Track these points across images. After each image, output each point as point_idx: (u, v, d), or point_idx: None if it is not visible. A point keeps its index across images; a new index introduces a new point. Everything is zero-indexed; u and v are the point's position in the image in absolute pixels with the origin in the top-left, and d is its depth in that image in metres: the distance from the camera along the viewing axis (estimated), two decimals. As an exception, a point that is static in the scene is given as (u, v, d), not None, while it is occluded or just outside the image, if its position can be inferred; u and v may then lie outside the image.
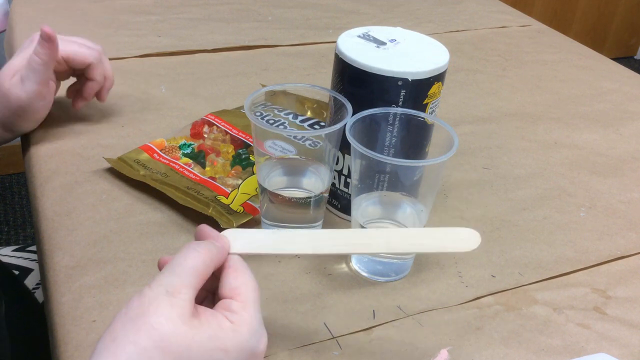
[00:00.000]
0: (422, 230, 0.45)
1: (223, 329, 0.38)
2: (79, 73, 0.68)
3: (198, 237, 0.43)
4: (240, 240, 0.43)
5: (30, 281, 0.81)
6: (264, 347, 0.40)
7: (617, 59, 1.12)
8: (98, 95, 0.69)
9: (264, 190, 0.55)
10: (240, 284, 0.40)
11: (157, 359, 0.35)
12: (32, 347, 0.72)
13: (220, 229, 0.55)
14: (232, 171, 0.63)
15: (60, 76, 0.68)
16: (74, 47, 0.65)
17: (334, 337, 0.49)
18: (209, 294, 0.44)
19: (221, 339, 0.37)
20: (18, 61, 0.63)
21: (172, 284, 0.37)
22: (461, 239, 0.44)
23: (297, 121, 0.64)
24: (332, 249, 0.44)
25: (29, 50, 0.63)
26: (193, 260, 0.39)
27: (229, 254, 0.42)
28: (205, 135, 0.68)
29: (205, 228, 0.43)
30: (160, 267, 0.42)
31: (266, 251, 0.43)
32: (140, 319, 0.36)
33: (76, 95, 0.70)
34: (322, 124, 0.64)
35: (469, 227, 0.61)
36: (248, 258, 0.55)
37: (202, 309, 0.39)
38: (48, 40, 0.60)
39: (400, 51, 0.55)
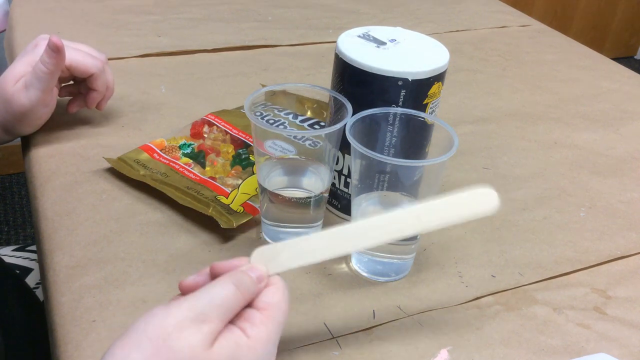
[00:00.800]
0: (442, 201, 0.43)
1: (239, 346, 0.37)
2: (80, 80, 0.68)
3: (228, 268, 0.41)
4: (273, 259, 0.42)
5: (30, 281, 0.81)
6: None
7: (617, 59, 1.12)
8: (98, 104, 0.69)
9: (264, 190, 0.55)
10: (275, 301, 0.40)
11: None
12: (33, 345, 0.72)
13: (220, 229, 0.56)
14: (232, 171, 0.63)
15: (61, 80, 0.68)
16: (78, 55, 0.65)
17: (334, 337, 0.49)
18: None
19: (237, 358, 0.37)
20: (22, 66, 0.63)
21: (205, 314, 0.37)
22: (481, 201, 0.43)
23: (297, 121, 0.64)
24: (371, 241, 0.43)
25: (33, 55, 0.63)
26: (234, 298, 0.38)
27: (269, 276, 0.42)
28: (205, 135, 0.68)
29: (227, 264, 0.42)
30: (183, 290, 0.41)
31: (303, 262, 0.42)
32: (159, 341, 0.35)
33: (72, 100, 0.70)
34: (322, 124, 0.64)
35: (469, 227, 0.62)
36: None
37: None
38: (56, 51, 0.60)
39: (400, 51, 0.55)
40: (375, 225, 0.43)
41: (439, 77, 0.54)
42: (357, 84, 0.53)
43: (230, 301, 0.38)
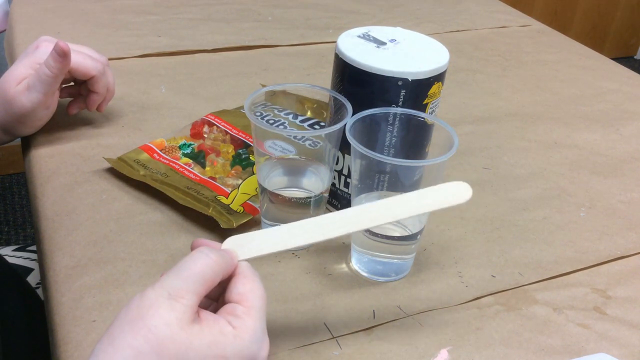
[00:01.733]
0: (416, 193, 0.45)
1: (224, 334, 0.37)
2: (80, 81, 0.68)
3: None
4: (244, 246, 0.42)
5: (31, 281, 0.81)
6: (266, 354, 0.40)
7: (617, 59, 1.12)
8: (98, 106, 0.69)
9: (264, 190, 0.55)
10: (247, 290, 0.40)
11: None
12: (34, 344, 0.72)
13: (220, 229, 0.56)
14: (232, 171, 0.63)
15: (62, 82, 0.68)
16: (79, 58, 0.64)
17: (334, 337, 0.49)
18: (212, 302, 0.43)
19: (221, 346, 0.37)
20: (23, 69, 0.63)
21: (176, 288, 0.37)
22: (455, 193, 0.45)
23: (297, 121, 0.64)
24: (340, 230, 0.43)
25: (34, 57, 0.63)
26: (202, 266, 0.38)
27: (238, 261, 0.42)
28: (205, 135, 0.68)
29: (205, 241, 0.43)
30: (193, 248, 0.41)
31: (272, 250, 0.43)
32: (138, 322, 0.36)
33: (73, 102, 0.70)
34: (322, 124, 0.64)
35: (469, 227, 0.62)
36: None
37: (205, 313, 0.38)
38: (62, 55, 0.60)
39: (400, 51, 0.55)
40: (347, 216, 0.44)
41: (439, 77, 0.54)
42: (357, 84, 0.53)
43: (203, 272, 0.38)
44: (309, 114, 0.65)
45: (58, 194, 0.60)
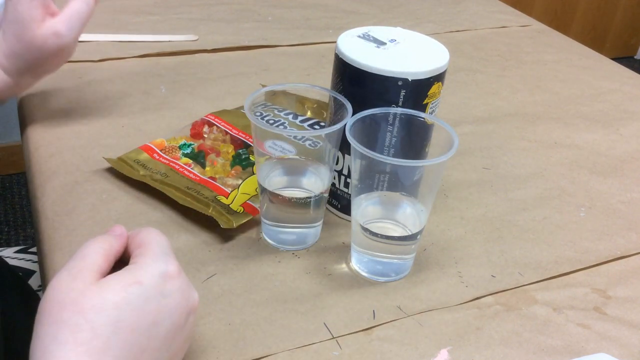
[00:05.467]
0: None
1: (129, 271, 0.39)
2: None
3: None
4: None
5: (33, 283, 0.81)
6: (175, 269, 0.41)
7: (617, 59, 1.12)
8: None
9: (264, 190, 0.55)
10: (139, 239, 0.42)
11: (76, 321, 0.36)
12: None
13: (220, 229, 0.56)
14: (232, 171, 0.63)
15: None
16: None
17: (334, 337, 0.49)
18: None
19: (131, 277, 0.39)
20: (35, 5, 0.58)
21: (75, 267, 0.39)
22: None
23: (297, 121, 0.64)
24: None
25: None
26: (91, 246, 0.41)
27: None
28: (205, 135, 0.68)
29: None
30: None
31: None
32: (55, 305, 0.37)
33: None
34: (322, 124, 0.64)
35: (469, 227, 0.62)
36: (249, 258, 0.55)
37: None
38: None
39: (400, 51, 0.55)
40: None
41: (439, 77, 0.54)
42: (357, 84, 0.53)
43: (95, 249, 0.41)
44: (309, 114, 0.65)
45: (58, 194, 0.60)
